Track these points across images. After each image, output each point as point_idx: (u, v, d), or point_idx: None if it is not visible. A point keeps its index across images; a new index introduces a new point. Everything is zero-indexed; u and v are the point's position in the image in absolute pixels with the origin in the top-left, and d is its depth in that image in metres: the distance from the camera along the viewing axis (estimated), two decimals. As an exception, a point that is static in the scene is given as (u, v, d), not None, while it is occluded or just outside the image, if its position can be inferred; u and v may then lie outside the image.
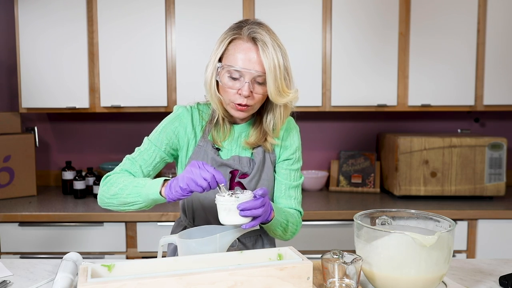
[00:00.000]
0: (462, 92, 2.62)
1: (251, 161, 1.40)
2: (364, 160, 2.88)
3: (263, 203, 1.18)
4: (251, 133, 1.41)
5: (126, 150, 2.98)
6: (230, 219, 1.17)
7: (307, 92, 2.59)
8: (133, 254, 2.39)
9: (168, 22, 2.56)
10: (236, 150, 1.41)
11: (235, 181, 1.40)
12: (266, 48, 1.25)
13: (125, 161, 1.37)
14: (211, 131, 1.40)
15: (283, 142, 1.44)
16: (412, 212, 1.31)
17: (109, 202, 1.33)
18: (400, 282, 1.15)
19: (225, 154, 1.41)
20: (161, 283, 1.02)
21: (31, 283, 1.30)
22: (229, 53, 1.29)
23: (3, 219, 2.33)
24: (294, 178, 1.45)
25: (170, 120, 1.40)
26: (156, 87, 2.58)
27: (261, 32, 1.28)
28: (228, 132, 1.41)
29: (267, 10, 2.54)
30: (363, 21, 2.58)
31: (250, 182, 1.39)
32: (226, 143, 1.41)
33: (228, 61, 1.28)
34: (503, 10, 2.58)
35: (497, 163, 2.52)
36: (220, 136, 1.40)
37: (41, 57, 2.57)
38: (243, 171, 1.39)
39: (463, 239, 2.40)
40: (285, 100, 1.29)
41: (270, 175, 1.42)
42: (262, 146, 1.41)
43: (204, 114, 1.42)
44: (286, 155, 1.44)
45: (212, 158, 1.38)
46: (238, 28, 1.30)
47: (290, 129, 1.46)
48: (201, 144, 1.39)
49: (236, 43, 1.29)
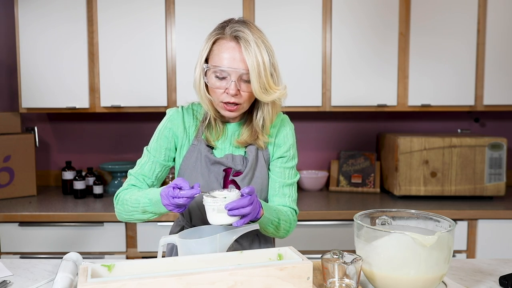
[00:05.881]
0: (462, 92, 2.62)
1: (244, 159, 1.41)
2: (364, 160, 2.88)
3: (250, 201, 1.18)
4: (242, 131, 1.41)
5: (126, 150, 2.98)
6: (219, 220, 1.18)
7: (307, 92, 2.59)
8: (133, 254, 2.39)
9: (168, 22, 2.56)
10: (230, 149, 1.42)
11: (228, 179, 1.40)
12: (248, 46, 1.25)
13: (130, 177, 1.42)
14: (204, 131, 1.41)
15: (276, 140, 1.44)
16: (412, 212, 1.31)
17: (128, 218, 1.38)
18: (400, 282, 1.15)
19: (219, 152, 1.42)
20: (161, 283, 1.02)
21: (31, 283, 1.30)
22: (214, 53, 1.31)
23: (3, 219, 2.34)
24: (288, 176, 1.45)
25: (163, 125, 1.43)
26: (156, 87, 2.58)
27: (243, 30, 1.27)
28: (221, 132, 1.42)
29: (267, 10, 2.55)
30: (363, 21, 2.58)
31: (244, 180, 1.39)
32: (219, 142, 1.42)
33: (214, 61, 1.30)
34: (503, 10, 2.58)
35: (497, 163, 2.52)
36: (213, 135, 1.41)
37: (41, 57, 2.57)
38: (237, 169, 1.40)
39: (463, 239, 2.40)
40: (271, 98, 1.30)
41: (263, 173, 1.42)
42: (255, 144, 1.41)
43: (198, 113, 1.44)
44: (279, 152, 1.44)
45: (206, 156, 1.39)
46: (221, 28, 1.31)
47: (284, 127, 1.46)
48: (195, 143, 1.41)
49: (219, 43, 1.30)
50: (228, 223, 1.18)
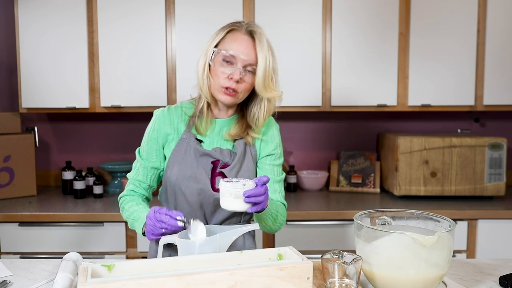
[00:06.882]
0: (462, 92, 2.62)
1: (231, 153, 1.46)
2: (364, 160, 2.88)
3: (265, 191, 1.26)
4: (233, 126, 1.48)
5: (126, 150, 2.98)
6: (233, 205, 1.22)
7: (307, 92, 2.59)
8: (133, 254, 2.39)
9: (168, 22, 2.56)
10: (218, 143, 1.47)
11: (216, 171, 1.44)
12: (262, 41, 1.36)
13: (128, 182, 1.51)
14: (195, 123, 1.46)
15: (264, 137, 1.50)
16: (412, 212, 1.31)
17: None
18: (400, 282, 1.15)
19: (207, 146, 1.47)
20: (161, 283, 1.02)
21: (31, 283, 1.31)
22: (226, 40, 1.39)
23: (3, 219, 2.33)
24: (277, 173, 1.52)
25: (151, 127, 1.49)
26: (156, 87, 2.58)
27: (258, 28, 1.40)
28: (210, 124, 1.47)
29: (267, 10, 2.55)
30: (363, 21, 2.58)
31: (231, 172, 1.43)
32: (208, 136, 1.47)
33: (225, 47, 1.38)
34: (503, 10, 2.58)
35: (497, 163, 2.52)
36: (203, 126, 1.46)
37: (41, 57, 2.57)
38: (224, 161, 1.44)
39: (463, 239, 2.40)
40: (269, 94, 1.39)
41: (250, 167, 1.47)
42: (244, 139, 1.47)
43: (188, 110, 1.49)
44: (268, 150, 1.50)
45: (195, 148, 1.43)
46: (236, 23, 1.41)
47: (270, 126, 1.53)
48: (184, 137, 1.45)
49: (234, 33, 1.39)
50: (242, 209, 1.23)
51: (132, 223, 1.42)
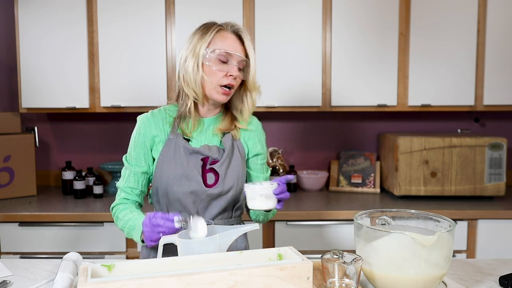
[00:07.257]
0: (462, 92, 2.62)
1: (219, 149, 1.49)
2: (364, 160, 2.88)
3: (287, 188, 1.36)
4: (221, 121, 1.52)
5: (126, 150, 2.97)
6: (265, 205, 1.30)
7: (307, 92, 2.59)
8: (133, 254, 2.39)
9: (168, 22, 2.56)
10: (206, 140, 1.50)
11: (206, 168, 1.46)
12: (248, 39, 1.46)
13: (119, 190, 1.52)
14: (180, 125, 1.48)
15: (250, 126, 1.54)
16: (412, 212, 1.31)
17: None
18: (400, 282, 1.15)
19: (195, 144, 1.49)
20: (161, 283, 1.02)
21: (31, 283, 1.31)
22: (216, 40, 1.42)
23: (3, 219, 2.34)
24: (266, 171, 1.60)
25: (136, 133, 1.52)
26: (156, 87, 2.58)
27: (242, 27, 1.47)
28: (197, 124, 1.49)
29: (267, 10, 2.55)
30: (363, 21, 2.58)
31: (221, 167, 1.46)
32: (195, 134, 1.49)
33: (218, 46, 1.41)
34: (503, 10, 2.58)
35: (497, 163, 2.52)
36: (189, 127, 1.48)
37: (41, 57, 2.57)
38: (214, 157, 1.46)
39: (463, 239, 2.40)
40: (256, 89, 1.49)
41: (239, 162, 1.50)
42: (231, 133, 1.51)
43: (172, 112, 1.52)
44: (256, 150, 1.55)
45: (184, 146, 1.45)
46: (219, 24, 1.45)
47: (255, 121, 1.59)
48: (171, 137, 1.47)
49: (222, 33, 1.43)
50: (271, 207, 1.32)
51: (128, 231, 1.42)
